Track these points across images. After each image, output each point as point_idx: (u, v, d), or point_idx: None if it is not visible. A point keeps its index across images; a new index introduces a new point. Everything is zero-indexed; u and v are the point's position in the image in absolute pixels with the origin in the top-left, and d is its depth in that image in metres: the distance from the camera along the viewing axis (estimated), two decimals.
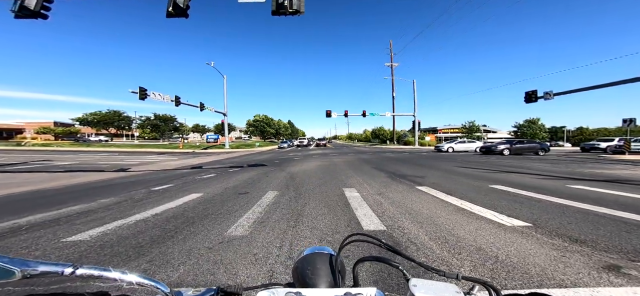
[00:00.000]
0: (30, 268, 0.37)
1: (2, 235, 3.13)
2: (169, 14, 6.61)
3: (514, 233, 3.05)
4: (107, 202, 4.87)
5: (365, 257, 0.61)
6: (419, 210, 4.12)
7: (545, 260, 2.36)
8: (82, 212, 4.16)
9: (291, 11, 6.74)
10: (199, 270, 2.26)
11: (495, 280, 2.04)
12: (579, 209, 4.05)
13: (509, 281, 2.01)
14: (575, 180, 7.08)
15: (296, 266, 0.67)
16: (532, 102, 16.28)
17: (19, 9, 6.01)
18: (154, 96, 19.94)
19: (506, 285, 1.96)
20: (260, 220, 3.64)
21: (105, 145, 38.44)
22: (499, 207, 4.22)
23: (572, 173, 8.60)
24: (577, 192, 5.42)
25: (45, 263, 0.38)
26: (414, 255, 2.51)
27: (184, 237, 3.01)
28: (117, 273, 0.40)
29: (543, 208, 4.14)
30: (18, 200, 5.20)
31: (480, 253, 2.52)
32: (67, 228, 3.36)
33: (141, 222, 3.59)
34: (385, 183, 6.79)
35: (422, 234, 3.05)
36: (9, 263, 0.36)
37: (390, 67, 40.30)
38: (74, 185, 6.99)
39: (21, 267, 0.36)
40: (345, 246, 0.64)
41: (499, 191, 5.66)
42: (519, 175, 8.13)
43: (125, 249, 2.70)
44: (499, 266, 2.25)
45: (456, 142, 24.07)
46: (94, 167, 11.93)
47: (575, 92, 14.90)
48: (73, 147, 31.80)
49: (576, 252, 2.51)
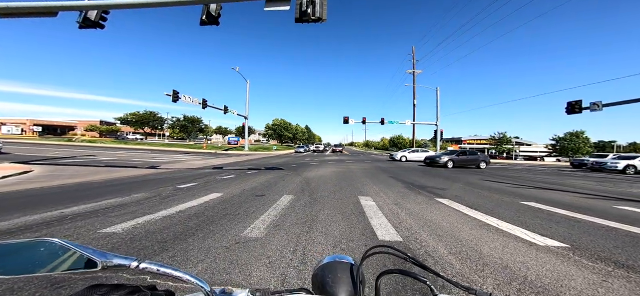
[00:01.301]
0: (108, 260, 0.42)
1: (50, 222, 3.53)
2: (203, 22, 7.13)
3: (547, 253, 2.77)
4: (138, 196, 5.28)
5: (391, 270, 0.58)
6: (439, 222, 3.91)
7: (583, 283, 2.11)
8: (117, 205, 4.56)
9: (314, 19, 6.89)
10: (216, 268, 2.35)
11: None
12: (629, 233, 3.57)
13: None
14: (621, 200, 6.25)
15: (316, 272, 0.67)
16: (575, 113, 14.70)
17: (82, 20, 7.07)
18: (184, 99, 21.42)
19: None
20: (275, 224, 3.71)
21: (140, 143, 41.88)
22: (531, 225, 3.87)
23: None
24: (620, 212, 4.78)
25: (118, 256, 0.44)
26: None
27: (204, 235, 3.16)
28: (169, 270, 0.45)
29: (583, 229, 3.71)
30: (66, 191, 5.84)
31: (506, 271, 2.32)
32: (104, 219, 3.70)
33: (167, 218, 3.83)
34: (403, 193, 6.55)
35: (441, 247, 2.89)
36: (93, 254, 0.42)
37: (412, 73, 39.13)
38: (112, 179, 7.69)
39: (101, 258, 0.42)
40: (368, 256, 0.62)
41: (532, 208, 5.19)
42: (553, 192, 7.39)
43: (151, 243, 2.90)
44: (528, 287, 2.06)
45: (409, 151, 23.68)
46: (129, 163, 13.04)
47: (628, 103, 13.24)
48: (113, 144, 35.08)
49: (621, 277, 2.21)
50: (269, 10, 6.68)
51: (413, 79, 39.50)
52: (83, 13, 7.00)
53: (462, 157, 16.53)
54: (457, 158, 16.35)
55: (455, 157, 16.40)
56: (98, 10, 7.04)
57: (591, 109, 13.99)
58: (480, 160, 16.77)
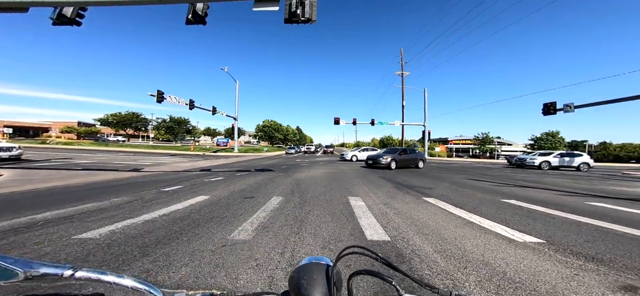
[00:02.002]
0: (33, 270, 0.37)
1: (18, 229, 3.30)
2: (188, 21, 6.94)
3: (525, 249, 2.91)
4: (118, 201, 5.05)
5: (359, 270, 0.61)
6: (425, 221, 4.01)
7: (557, 277, 2.23)
8: (94, 210, 4.33)
9: (303, 20, 6.89)
10: (201, 272, 2.29)
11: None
12: (599, 227, 3.82)
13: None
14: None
15: (292, 275, 0.67)
16: (550, 114, 15.62)
17: (57, 17, 6.62)
18: (170, 99, 20.76)
19: None
20: (264, 226, 3.66)
21: (122, 145, 40.06)
22: (510, 222, 4.05)
23: None
24: (591, 208, 5.12)
25: (47, 265, 0.39)
26: (418, 268, 2.44)
27: (189, 239, 3.07)
28: (112, 277, 0.41)
29: (557, 225, 3.93)
30: (39, 195, 5.49)
31: (487, 267, 2.42)
32: (79, 225, 3.50)
33: (149, 222, 3.68)
34: (392, 193, 6.67)
35: (427, 246, 2.97)
36: (13, 264, 0.37)
37: (401, 75, 40.02)
38: (90, 183, 7.30)
39: (24, 268, 0.37)
40: (342, 257, 0.64)
41: (512, 205, 5.43)
42: (532, 190, 7.78)
43: (130, 248, 2.78)
44: (507, 283, 2.15)
45: (360, 150, 24.15)
46: (110, 166, 12.44)
47: (599, 105, 14.18)
48: (93, 146, 33.37)
49: (591, 270, 2.35)
50: (258, 11, 6.61)
51: (402, 81, 40.38)
52: (58, 9, 6.58)
53: (403, 156, 16.25)
54: (399, 158, 15.84)
55: (398, 157, 15.85)
56: (75, 7, 6.66)
57: (564, 110, 14.89)
58: (418, 159, 17.28)
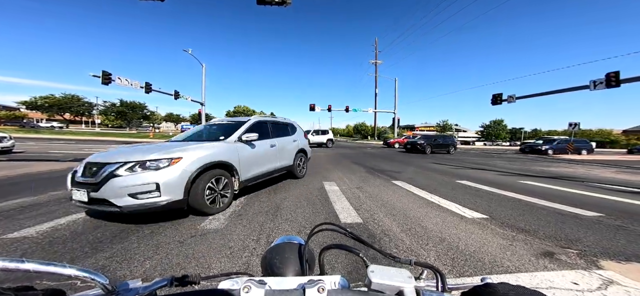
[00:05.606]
0: None
1: None
2: None
3: (473, 224, 3.35)
4: (59, 194, 4.40)
5: (329, 245, 0.63)
6: (394, 203, 4.32)
7: (496, 248, 2.64)
8: (27, 205, 3.72)
9: (277, 1, 6.51)
10: (168, 264, 2.16)
11: (455, 267, 2.23)
12: (528, 202, 4.56)
13: (466, 269, 2.21)
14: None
15: (265, 256, 0.68)
16: (497, 104, 17.73)
17: None
18: (119, 81, 18.15)
19: (464, 273, 2.15)
20: (238, 213, 3.56)
21: (58, 133, 34.32)
22: (462, 200, 4.59)
23: None
24: (526, 187, 6.09)
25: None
26: (387, 246, 2.64)
27: (152, 231, 2.84)
28: (56, 267, 0.40)
29: (498, 202, 4.59)
30: None
31: (444, 243, 2.73)
32: (9, 223, 2.99)
33: (101, 216, 3.30)
34: (364, 177, 6.99)
35: (395, 226, 3.22)
36: None
37: (375, 64, 41.02)
38: (18, 176, 6.17)
39: None
40: (313, 235, 0.66)
41: (464, 186, 6.15)
42: (480, 171, 8.89)
43: (80, 245, 2.48)
44: (459, 255, 2.47)
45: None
46: (45, 156, 10.63)
47: (533, 97, 16.52)
48: (19, 133, 27.91)
49: (522, 241, 2.83)
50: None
51: (375, 70, 41.44)
52: None
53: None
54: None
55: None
56: None
57: (508, 101, 17.03)
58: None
